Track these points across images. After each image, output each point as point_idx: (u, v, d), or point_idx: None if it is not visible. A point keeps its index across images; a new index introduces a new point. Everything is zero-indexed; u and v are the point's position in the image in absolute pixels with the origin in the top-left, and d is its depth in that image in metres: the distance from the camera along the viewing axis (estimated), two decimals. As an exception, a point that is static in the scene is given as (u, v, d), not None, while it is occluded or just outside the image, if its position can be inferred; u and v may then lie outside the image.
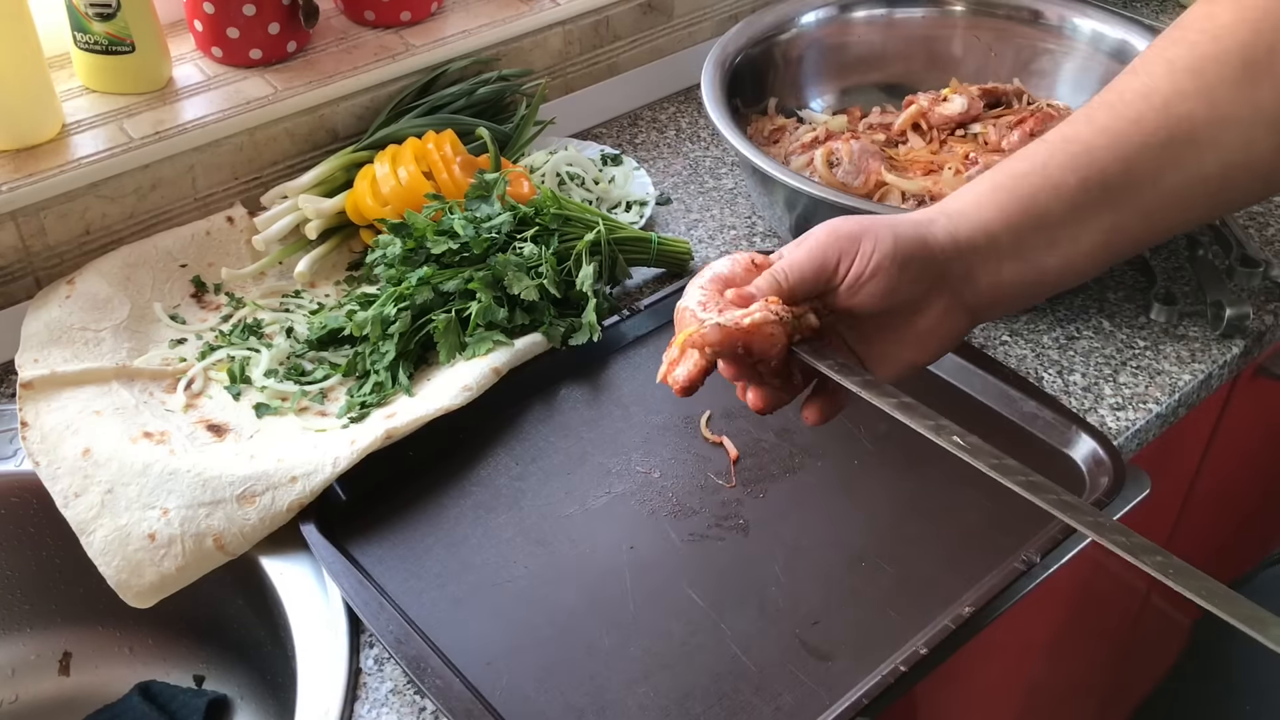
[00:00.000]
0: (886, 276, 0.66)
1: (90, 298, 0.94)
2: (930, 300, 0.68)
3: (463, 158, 1.03)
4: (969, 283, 0.68)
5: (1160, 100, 0.66)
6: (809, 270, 0.67)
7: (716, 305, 0.68)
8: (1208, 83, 0.65)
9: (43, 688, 0.93)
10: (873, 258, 0.66)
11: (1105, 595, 1.22)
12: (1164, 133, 0.66)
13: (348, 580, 0.76)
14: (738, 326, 0.65)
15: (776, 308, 0.65)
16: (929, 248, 0.67)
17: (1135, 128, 0.66)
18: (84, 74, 1.02)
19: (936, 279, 0.68)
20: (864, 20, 1.20)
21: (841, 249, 0.67)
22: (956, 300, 0.68)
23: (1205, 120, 0.65)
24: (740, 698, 0.70)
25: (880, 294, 0.67)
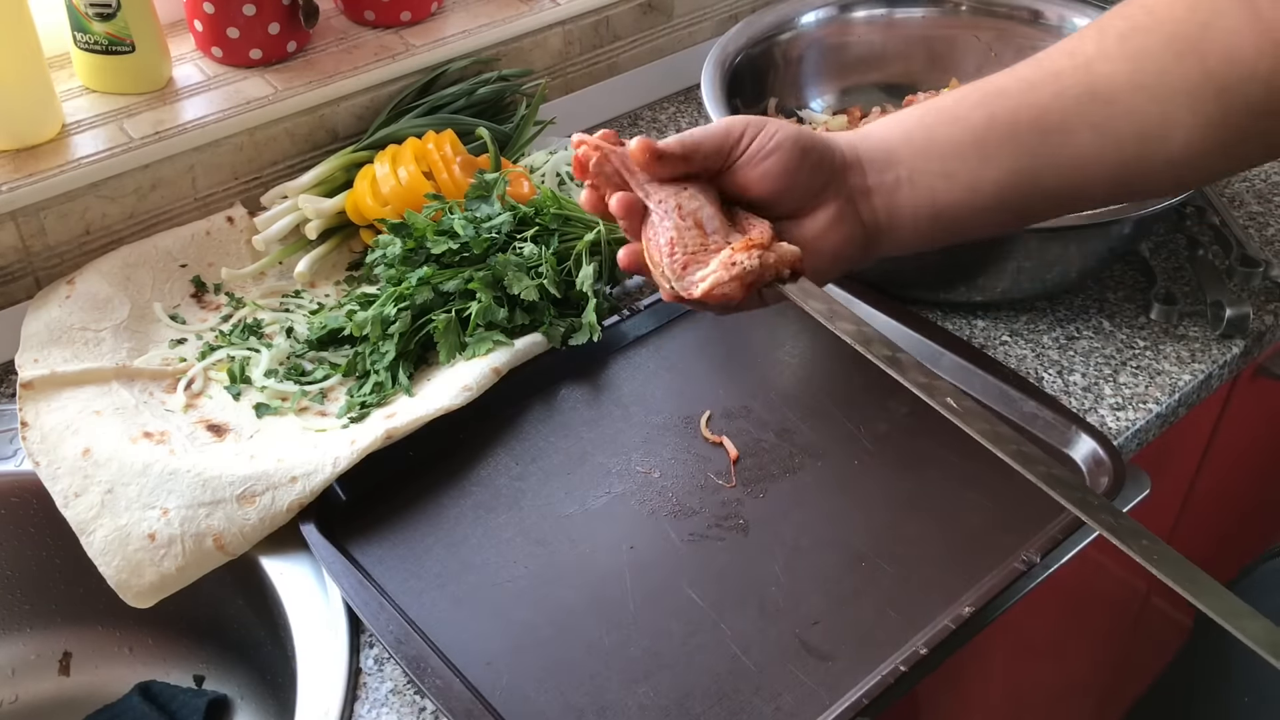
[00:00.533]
0: (786, 154, 0.67)
1: (90, 298, 0.94)
2: (825, 200, 0.69)
3: (463, 158, 1.03)
4: (865, 196, 0.69)
5: (1084, 60, 0.67)
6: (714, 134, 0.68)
7: None
8: (1133, 49, 0.66)
9: (43, 688, 0.93)
10: (775, 136, 0.67)
11: (1105, 595, 1.22)
12: (1081, 88, 0.66)
13: (348, 580, 0.76)
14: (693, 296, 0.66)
15: (742, 257, 0.66)
16: (830, 146, 0.69)
17: (1053, 79, 0.67)
18: (84, 74, 1.02)
19: (833, 178, 0.68)
20: (864, 20, 1.20)
21: (747, 123, 0.68)
22: (851, 209, 0.69)
23: (1126, 85, 0.66)
24: (740, 698, 0.70)
25: (778, 172, 0.67)
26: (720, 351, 0.95)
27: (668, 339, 0.96)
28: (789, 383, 0.92)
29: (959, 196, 0.69)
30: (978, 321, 0.99)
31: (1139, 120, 0.66)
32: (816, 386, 0.92)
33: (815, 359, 0.95)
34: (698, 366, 0.94)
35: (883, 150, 0.69)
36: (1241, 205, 1.13)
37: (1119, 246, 0.99)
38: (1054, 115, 0.67)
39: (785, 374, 0.93)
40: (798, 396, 0.90)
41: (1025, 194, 0.69)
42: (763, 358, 0.94)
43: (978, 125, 0.68)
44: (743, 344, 0.96)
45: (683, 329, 0.97)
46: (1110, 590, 1.22)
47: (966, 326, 0.98)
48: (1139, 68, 0.65)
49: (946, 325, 0.98)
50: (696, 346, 0.95)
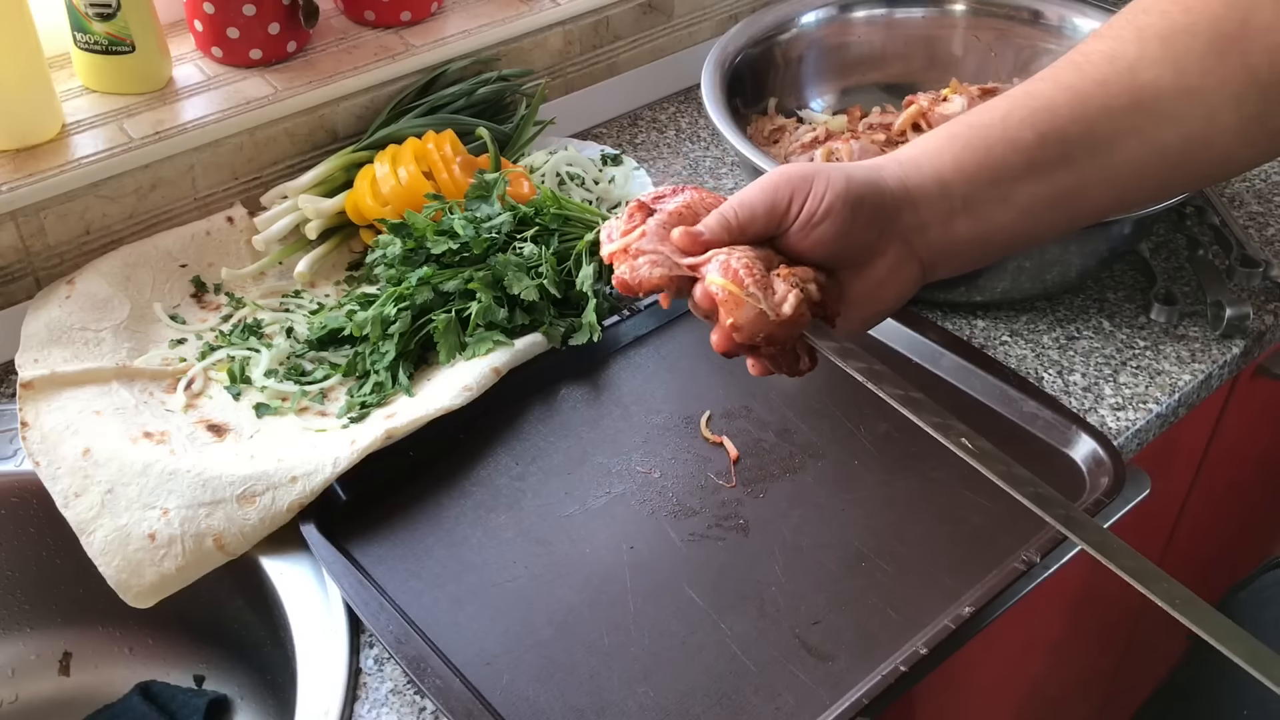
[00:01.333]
0: (839, 218, 0.65)
1: (90, 298, 0.94)
2: (882, 248, 0.67)
3: (463, 158, 1.03)
4: (920, 232, 0.67)
5: (1126, 65, 0.65)
6: (760, 208, 0.66)
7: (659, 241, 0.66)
8: (1175, 51, 0.64)
9: (43, 688, 0.93)
10: (825, 198, 0.65)
11: (1105, 595, 1.21)
12: (1127, 97, 0.65)
13: (348, 580, 0.76)
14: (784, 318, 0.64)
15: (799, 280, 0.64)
16: (881, 192, 0.66)
17: (1099, 89, 0.66)
18: (84, 74, 1.02)
19: (888, 224, 0.66)
20: (864, 20, 1.20)
21: (794, 188, 0.66)
22: (908, 250, 0.67)
23: (1170, 89, 0.65)
24: (740, 698, 0.70)
25: (833, 236, 0.65)
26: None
27: (668, 339, 0.96)
28: (789, 383, 0.92)
29: (1013, 218, 0.67)
30: (978, 321, 0.99)
31: (1183, 124, 0.65)
32: (816, 386, 0.92)
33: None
34: (698, 366, 0.94)
35: (935, 182, 0.67)
36: (1241, 205, 1.13)
37: (1119, 246, 0.99)
38: (1102, 129, 0.66)
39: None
40: (798, 396, 0.90)
41: (1075, 206, 0.68)
42: (763, 358, 0.94)
43: (1030, 145, 0.66)
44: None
45: (683, 329, 0.97)
46: (1110, 591, 1.22)
47: (966, 326, 0.98)
48: (1182, 68, 0.64)
49: (946, 325, 0.98)
50: (696, 346, 0.95)
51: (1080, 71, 0.67)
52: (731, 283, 0.64)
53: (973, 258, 0.70)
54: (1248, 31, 0.63)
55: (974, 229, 0.67)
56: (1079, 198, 0.67)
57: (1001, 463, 0.61)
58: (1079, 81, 0.66)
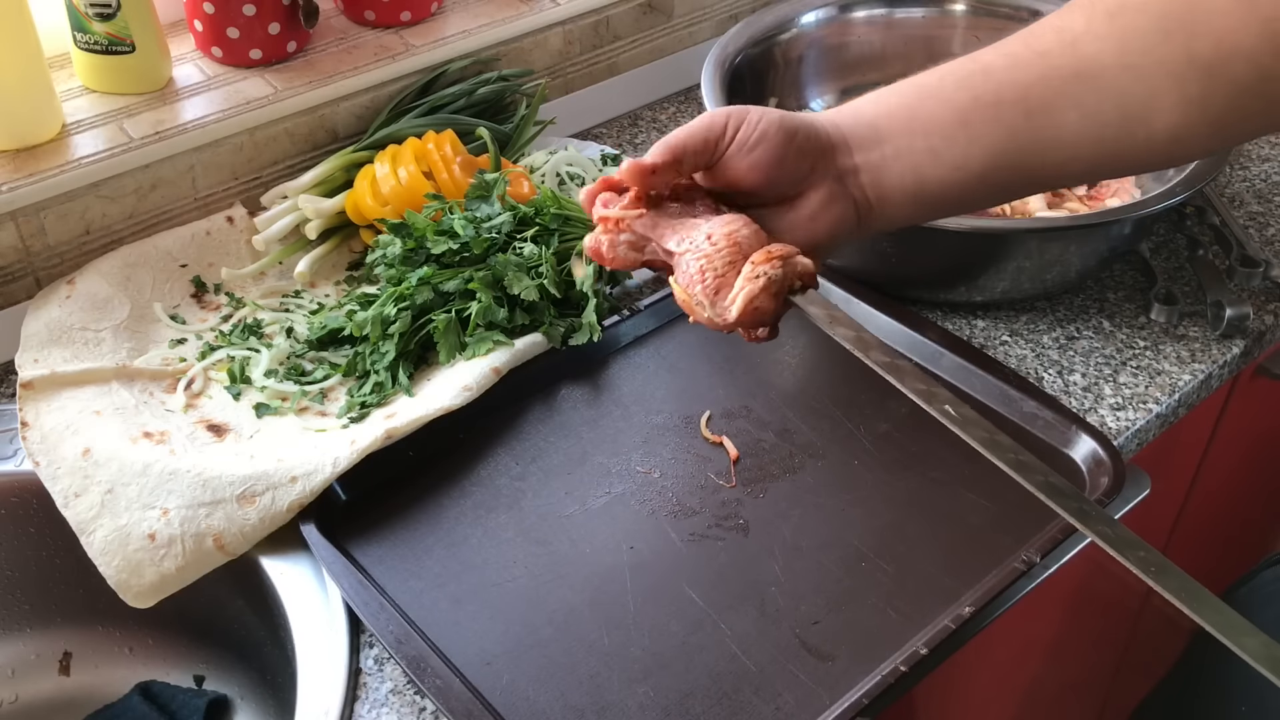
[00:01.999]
0: (773, 142, 0.67)
1: (90, 298, 0.94)
2: (815, 181, 0.68)
3: (463, 158, 1.03)
4: (853, 174, 0.69)
5: (1071, 38, 0.66)
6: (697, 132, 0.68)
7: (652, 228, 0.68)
8: (1122, 27, 0.65)
9: (43, 688, 0.93)
10: (760, 124, 0.67)
11: (1105, 596, 1.21)
12: (1068, 69, 0.66)
13: (348, 580, 0.76)
14: (730, 321, 0.65)
15: (765, 268, 0.64)
16: (815, 127, 0.68)
17: (1040, 59, 0.67)
18: (84, 74, 1.02)
19: (820, 159, 0.68)
20: (864, 20, 1.20)
21: (729, 115, 0.68)
22: (841, 188, 0.69)
23: (1111, 64, 0.65)
24: (740, 698, 0.70)
25: (767, 161, 0.67)
26: (720, 351, 0.95)
27: (668, 339, 0.96)
28: (789, 383, 0.92)
29: (944, 174, 0.69)
30: (978, 321, 0.99)
31: (1123, 100, 0.66)
32: (816, 386, 0.92)
33: (815, 359, 0.95)
34: (698, 366, 0.94)
35: (868, 127, 0.69)
36: (1241, 205, 1.13)
37: (1119, 246, 0.99)
38: (1037, 96, 0.67)
39: (785, 374, 0.93)
40: (798, 396, 0.90)
41: (1008, 173, 0.69)
42: (763, 358, 0.94)
43: (962, 104, 0.68)
44: (743, 344, 0.96)
45: (683, 329, 0.97)
46: (1110, 591, 1.22)
47: (966, 326, 0.98)
48: (1126, 46, 0.65)
49: (946, 325, 0.98)
50: (696, 346, 0.95)
51: (1025, 43, 0.68)
52: (683, 289, 0.66)
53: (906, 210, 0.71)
54: (1196, 13, 0.64)
55: (903, 179, 0.69)
56: (1012, 162, 0.68)
57: (985, 430, 0.62)
58: (1021, 50, 0.68)
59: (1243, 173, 1.17)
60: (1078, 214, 1.01)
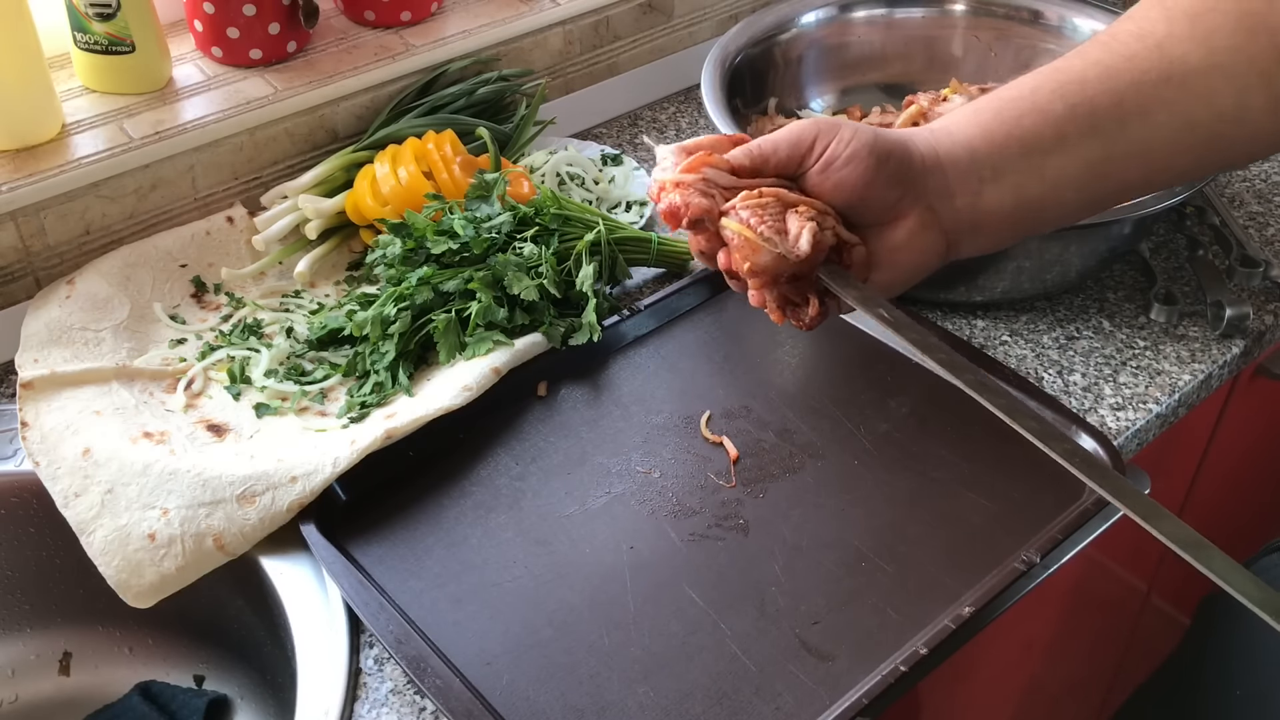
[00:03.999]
0: (863, 165, 0.65)
1: (90, 298, 0.94)
2: (904, 209, 0.67)
3: (463, 158, 1.03)
4: (947, 199, 0.67)
5: (1155, 42, 0.65)
6: (784, 143, 0.66)
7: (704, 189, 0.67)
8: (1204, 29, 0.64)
9: (43, 688, 0.93)
10: (850, 144, 0.65)
11: (1105, 595, 1.22)
12: (1156, 72, 0.65)
13: (348, 580, 0.76)
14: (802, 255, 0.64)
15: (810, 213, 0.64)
16: (909, 152, 0.66)
17: (1128, 64, 0.66)
18: (84, 74, 1.02)
19: (913, 186, 0.66)
20: (864, 20, 1.20)
21: (820, 130, 0.66)
22: (932, 216, 0.67)
23: (1199, 66, 0.64)
24: (740, 698, 0.70)
25: (853, 183, 0.65)
26: (720, 351, 0.95)
27: (668, 339, 0.96)
28: (789, 383, 0.92)
29: (1042, 190, 0.67)
30: (978, 321, 0.99)
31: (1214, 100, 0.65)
32: (816, 386, 0.92)
33: (815, 359, 0.95)
34: (698, 366, 0.94)
35: (965, 150, 0.67)
36: (1241, 205, 1.13)
37: (1119, 246, 0.99)
38: (1131, 102, 0.65)
39: (785, 374, 0.93)
40: (798, 396, 0.90)
41: (1105, 182, 0.68)
42: (763, 358, 0.94)
43: (1059, 116, 0.66)
44: (743, 344, 0.96)
45: (683, 329, 0.97)
46: (1110, 590, 1.22)
47: (966, 326, 0.98)
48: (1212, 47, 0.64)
49: (946, 325, 0.98)
50: (696, 346, 0.95)
51: (1108, 49, 0.67)
52: (745, 228, 0.65)
53: (999, 233, 0.69)
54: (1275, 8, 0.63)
55: (1002, 200, 0.67)
56: (1108, 171, 0.67)
57: (1034, 419, 0.61)
58: (1107, 57, 0.66)
59: (1243, 173, 1.17)
60: (1078, 214, 1.01)
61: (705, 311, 0.99)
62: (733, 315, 0.98)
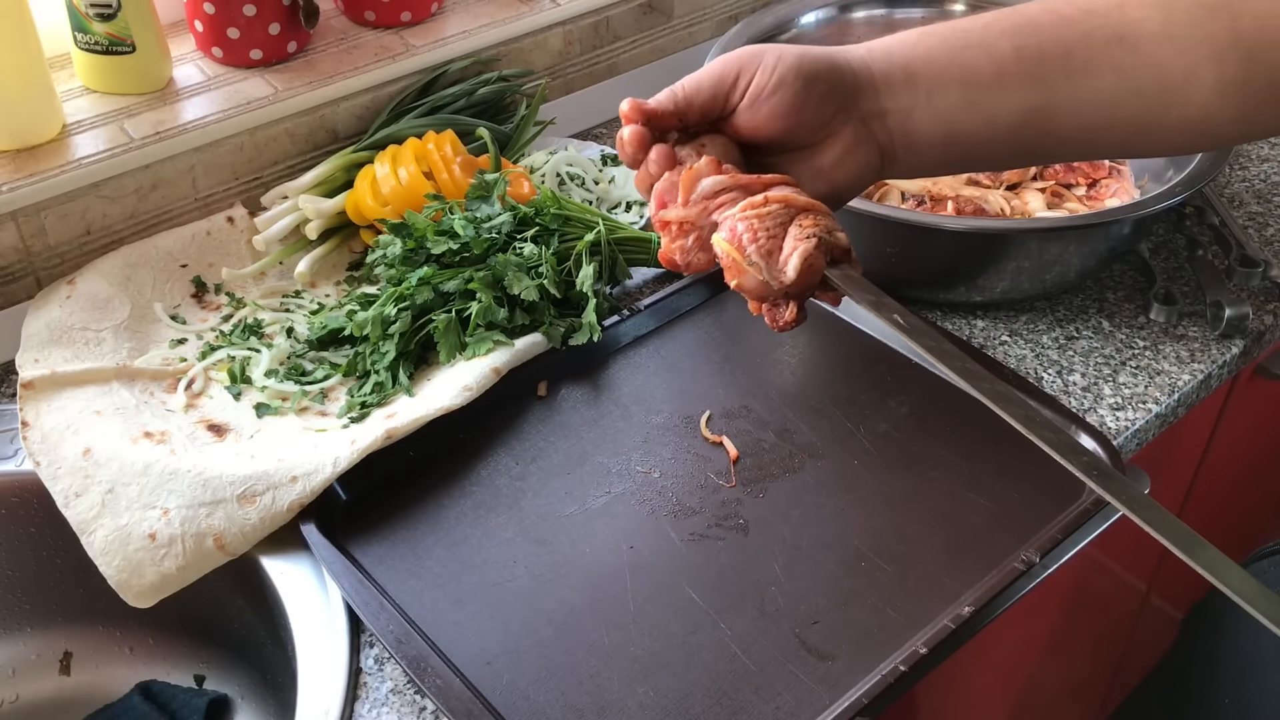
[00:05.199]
0: (790, 90, 0.64)
1: (91, 298, 0.94)
2: (837, 128, 0.66)
3: (463, 158, 1.03)
4: (880, 118, 0.66)
5: (1117, 1, 0.65)
6: (706, 83, 0.64)
7: None
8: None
9: (43, 687, 0.93)
10: (775, 70, 0.64)
11: (1104, 595, 1.22)
12: (1110, 30, 0.64)
13: (348, 580, 0.76)
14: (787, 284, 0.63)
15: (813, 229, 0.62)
16: (838, 68, 0.65)
17: (1085, 17, 0.65)
18: (84, 74, 1.02)
19: (845, 103, 0.65)
20: (864, 20, 1.20)
21: (742, 63, 0.64)
22: (866, 131, 0.66)
23: (1154, 33, 0.64)
24: (740, 698, 0.70)
25: (784, 110, 0.64)
26: (720, 351, 0.95)
27: (668, 339, 0.96)
28: (789, 383, 0.93)
29: (975, 126, 0.66)
30: (978, 321, 0.99)
31: (1163, 72, 0.64)
32: (816, 386, 0.92)
33: (815, 359, 0.95)
34: (698, 366, 0.94)
35: (902, 70, 0.66)
36: (1241, 205, 1.13)
37: (1118, 246, 0.99)
38: (1080, 55, 0.65)
39: (785, 374, 0.93)
40: (798, 396, 0.90)
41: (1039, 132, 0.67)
42: (763, 358, 0.94)
43: (1004, 55, 0.65)
44: (743, 344, 0.96)
45: (683, 329, 0.97)
46: (1110, 590, 1.22)
47: (966, 326, 0.98)
48: (1170, 17, 0.64)
49: (946, 325, 0.98)
50: (696, 346, 0.96)
51: (1070, 0, 0.67)
52: (733, 248, 0.63)
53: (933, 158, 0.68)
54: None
55: (935, 126, 0.67)
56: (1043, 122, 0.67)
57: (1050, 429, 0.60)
58: (1066, 7, 0.66)
59: (1242, 173, 1.17)
60: (1077, 214, 1.01)
61: (705, 311, 0.99)
62: (733, 315, 0.98)
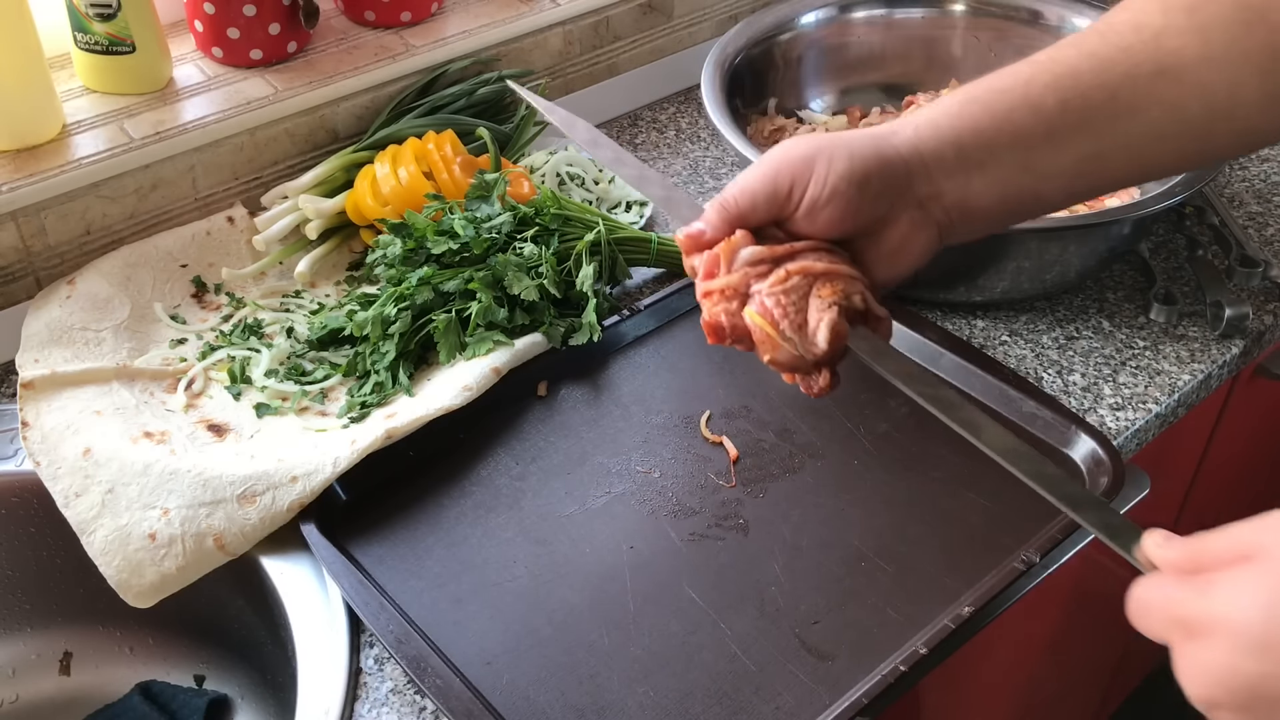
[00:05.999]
0: (844, 199, 0.64)
1: (91, 298, 0.94)
2: (895, 217, 0.66)
3: (463, 158, 1.03)
4: (935, 199, 0.67)
5: (1151, 34, 0.65)
6: (760, 195, 0.65)
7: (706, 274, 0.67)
8: (1201, 21, 0.64)
9: (43, 688, 0.93)
10: (828, 181, 0.64)
11: (1105, 594, 1.21)
12: (1151, 65, 0.64)
13: (348, 580, 0.76)
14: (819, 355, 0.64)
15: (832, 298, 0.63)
16: (889, 163, 0.65)
17: (1123, 55, 0.65)
18: (84, 74, 1.02)
19: (899, 195, 0.66)
20: (864, 20, 1.20)
21: (794, 173, 0.65)
22: (923, 215, 0.67)
23: (1195, 58, 0.64)
24: (740, 698, 0.70)
25: (839, 218, 0.65)
26: (720, 351, 0.95)
27: (668, 339, 0.96)
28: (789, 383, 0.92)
29: (1030, 185, 0.67)
30: (978, 321, 0.99)
31: (1207, 94, 0.64)
32: (816, 386, 0.92)
33: (815, 359, 0.95)
34: (698, 366, 0.94)
35: (953, 146, 0.66)
36: (1241, 205, 1.13)
37: (1118, 246, 0.99)
38: (1125, 97, 0.65)
39: (785, 374, 0.93)
40: (798, 396, 0.90)
41: (1094, 175, 0.67)
42: (763, 358, 0.94)
43: (1051, 112, 0.65)
44: (743, 344, 0.96)
45: (683, 329, 0.97)
46: (1110, 590, 1.22)
47: (966, 326, 0.98)
48: (1208, 39, 0.64)
49: (946, 325, 0.98)
50: (696, 346, 0.95)
51: (1104, 39, 0.66)
52: (767, 323, 0.64)
53: (989, 221, 0.69)
54: (1273, 3, 0.63)
55: (990, 194, 0.67)
56: (1098, 165, 0.67)
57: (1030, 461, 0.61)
58: (1103, 48, 0.66)
59: (1242, 173, 1.17)
60: (1077, 214, 1.01)
61: (705, 311, 0.99)
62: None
